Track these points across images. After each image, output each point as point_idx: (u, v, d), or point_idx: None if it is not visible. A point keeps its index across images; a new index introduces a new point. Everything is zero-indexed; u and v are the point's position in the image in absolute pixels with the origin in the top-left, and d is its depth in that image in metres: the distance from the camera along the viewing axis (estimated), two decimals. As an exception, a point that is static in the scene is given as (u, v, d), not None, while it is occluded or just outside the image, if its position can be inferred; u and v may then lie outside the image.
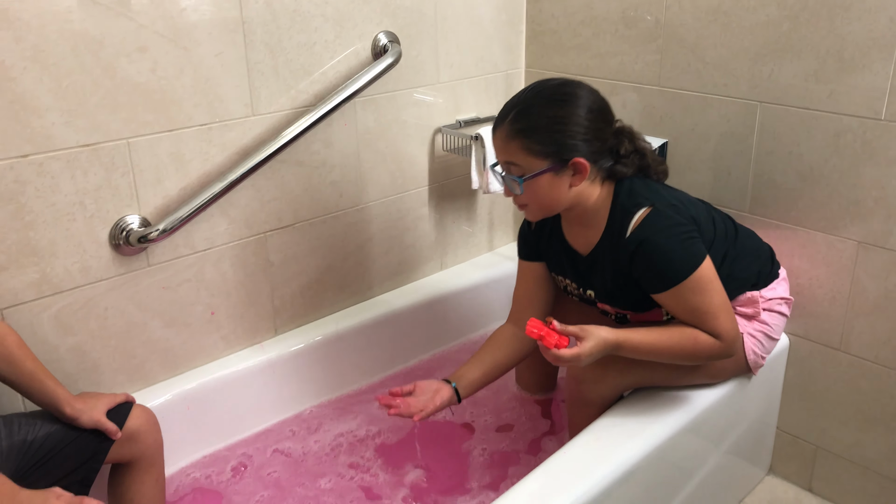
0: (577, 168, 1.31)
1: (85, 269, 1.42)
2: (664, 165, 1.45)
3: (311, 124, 1.59)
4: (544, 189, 1.33)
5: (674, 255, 1.30)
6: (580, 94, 1.32)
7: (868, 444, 1.65)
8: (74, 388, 1.46)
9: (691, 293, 1.31)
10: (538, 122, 1.30)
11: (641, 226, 1.32)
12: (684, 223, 1.33)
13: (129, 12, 1.34)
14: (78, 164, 1.36)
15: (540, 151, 1.30)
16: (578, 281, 1.48)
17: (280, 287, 1.74)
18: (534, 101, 1.33)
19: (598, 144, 1.33)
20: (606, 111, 1.36)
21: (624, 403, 1.45)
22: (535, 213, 1.40)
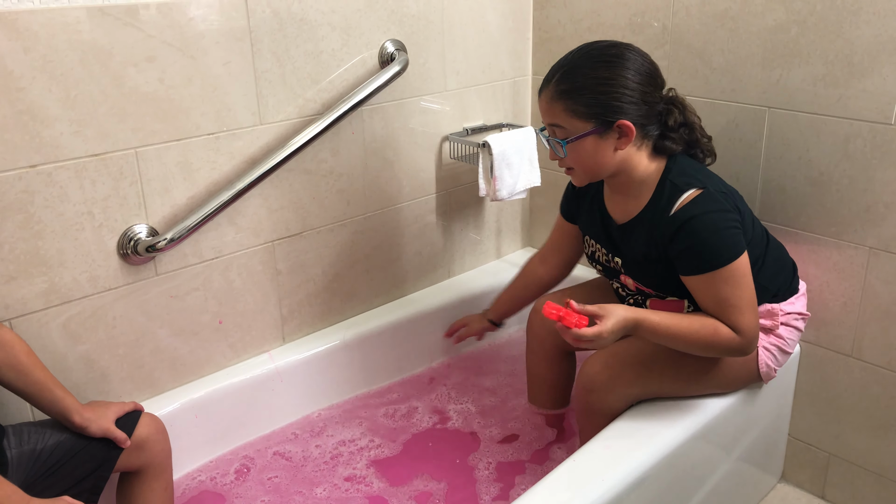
0: (622, 131, 1.30)
1: (93, 279, 1.42)
2: (712, 144, 1.44)
3: (318, 133, 1.59)
4: (588, 152, 1.33)
5: (718, 241, 1.29)
6: (627, 56, 1.31)
7: (882, 451, 1.63)
8: (83, 396, 1.46)
9: (724, 283, 1.30)
10: (583, 83, 1.29)
11: (691, 204, 1.31)
12: (732, 212, 1.32)
13: (137, 22, 1.35)
14: (86, 173, 1.36)
15: (584, 113, 1.29)
16: (609, 247, 1.48)
17: (288, 295, 1.74)
18: (580, 62, 1.32)
19: (645, 108, 1.32)
20: (655, 75, 1.35)
21: (634, 411, 1.44)
22: (581, 177, 1.39)
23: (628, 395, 1.43)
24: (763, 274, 1.43)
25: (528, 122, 2.15)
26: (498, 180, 1.86)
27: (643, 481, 1.30)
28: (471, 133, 1.97)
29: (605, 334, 1.25)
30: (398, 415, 1.80)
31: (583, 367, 1.47)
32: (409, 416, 1.80)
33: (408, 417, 1.79)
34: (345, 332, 1.83)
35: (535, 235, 2.30)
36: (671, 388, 1.45)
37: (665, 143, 1.37)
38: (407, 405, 1.83)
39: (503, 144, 1.84)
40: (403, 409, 1.82)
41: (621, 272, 1.47)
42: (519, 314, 1.84)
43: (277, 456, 1.65)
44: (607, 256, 1.49)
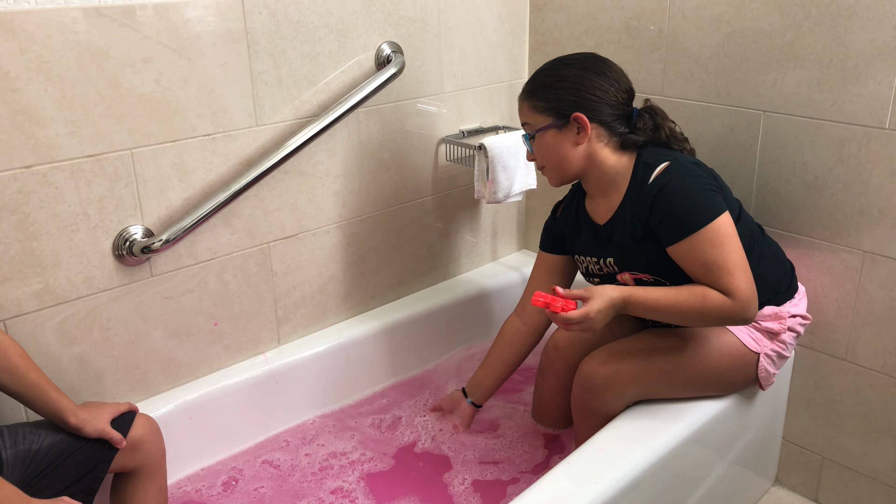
0: (579, 124, 1.38)
1: (88, 280, 1.41)
2: (688, 144, 1.47)
3: (314, 134, 1.59)
4: (550, 146, 1.42)
5: (692, 202, 1.30)
6: (595, 62, 1.41)
7: (875, 455, 1.63)
8: (77, 398, 1.46)
9: (708, 244, 1.29)
10: (544, 82, 1.42)
11: (662, 174, 1.35)
12: (705, 177, 1.35)
13: (133, 23, 1.35)
14: (82, 174, 1.36)
15: (543, 108, 1.41)
16: (599, 251, 1.48)
17: (283, 297, 1.74)
18: (546, 66, 1.45)
19: (606, 108, 1.39)
20: (618, 79, 1.41)
21: (629, 413, 1.44)
22: (552, 174, 1.47)
23: (626, 395, 1.43)
24: (761, 264, 1.42)
25: (524, 125, 2.15)
26: (494, 183, 1.86)
27: (638, 484, 1.30)
28: (467, 135, 1.97)
29: (593, 314, 1.27)
30: (392, 424, 1.79)
31: (581, 367, 1.47)
32: (404, 425, 1.78)
33: (403, 427, 1.78)
34: (340, 335, 1.82)
35: (530, 238, 2.30)
36: (669, 390, 1.45)
37: (631, 137, 1.41)
38: (402, 412, 1.83)
39: (499, 147, 1.84)
40: (398, 417, 1.82)
41: (617, 271, 1.47)
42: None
43: (266, 465, 1.64)
44: (599, 263, 1.49)
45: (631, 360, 1.42)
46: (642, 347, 1.44)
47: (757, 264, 1.39)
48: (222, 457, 1.65)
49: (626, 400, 1.45)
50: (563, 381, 1.63)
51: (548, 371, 1.67)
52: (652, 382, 1.43)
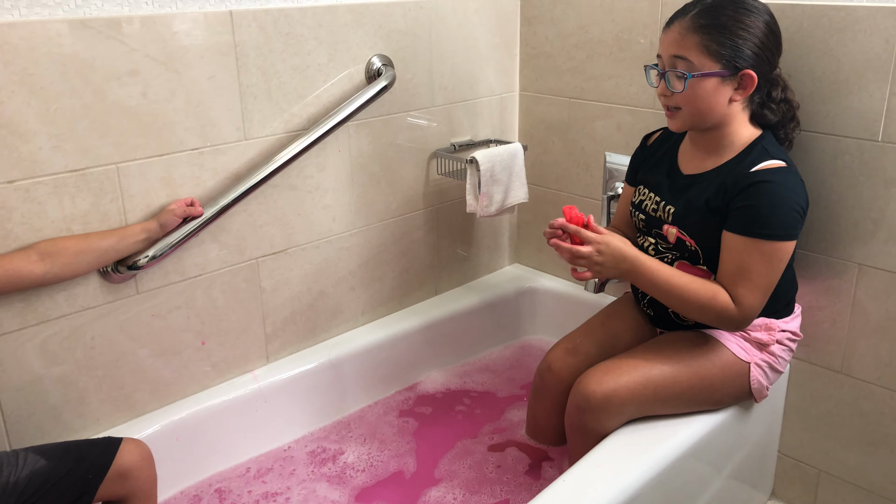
0: (744, 80, 1.32)
1: (71, 298, 1.38)
2: (797, 133, 1.47)
3: (304, 148, 1.57)
4: (707, 92, 1.33)
5: (779, 213, 1.29)
6: (764, 11, 1.34)
7: (872, 468, 1.62)
8: (59, 419, 1.42)
9: (759, 255, 1.30)
10: (725, 23, 1.30)
11: (773, 171, 1.32)
12: (801, 199, 1.33)
13: (119, 35, 1.32)
14: (66, 189, 1.33)
15: (717, 52, 1.30)
16: (665, 194, 1.47)
17: (272, 314, 1.70)
18: (723, 2, 1.32)
19: (766, 67, 1.34)
20: (780, 40, 1.37)
21: (624, 430, 1.42)
22: (684, 119, 1.39)
23: (623, 414, 1.41)
24: (781, 287, 1.42)
25: (515, 139, 2.14)
26: (486, 196, 1.84)
27: (635, 500, 1.28)
28: (458, 149, 1.96)
29: (598, 254, 1.30)
30: (381, 442, 1.76)
31: (576, 387, 1.44)
32: (391, 443, 1.76)
33: (390, 445, 1.76)
34: (330, 352, 1.79)
35: (522, 252, 2.28)
36: (665, 406, 1.43)
37: (764, 112, 1.39)
38: (390, 430, 1.80)
39: (491, 160, 1.83)
40: (390, 434, 1.79)
41: (667, 222, 1.45)
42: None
43: (257, 480, 1.61)
44: (657, 204, 1.48)
45: (627, 377, 1.40)
46: (636, 363, 1.42)
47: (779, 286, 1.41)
48: (210, 476, 1.61)
49: (624, 418, 1.43)
50: (557, 402, 1.61)
51: (542, 391, 1.64)
52: (648, 399, 1.41)
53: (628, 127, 1.85)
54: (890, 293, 1.50)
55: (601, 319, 1.63)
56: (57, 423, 1.42)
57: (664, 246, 1.48)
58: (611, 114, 1.89)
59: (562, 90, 1.98)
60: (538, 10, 1.97)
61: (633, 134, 1.84)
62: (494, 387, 1.97)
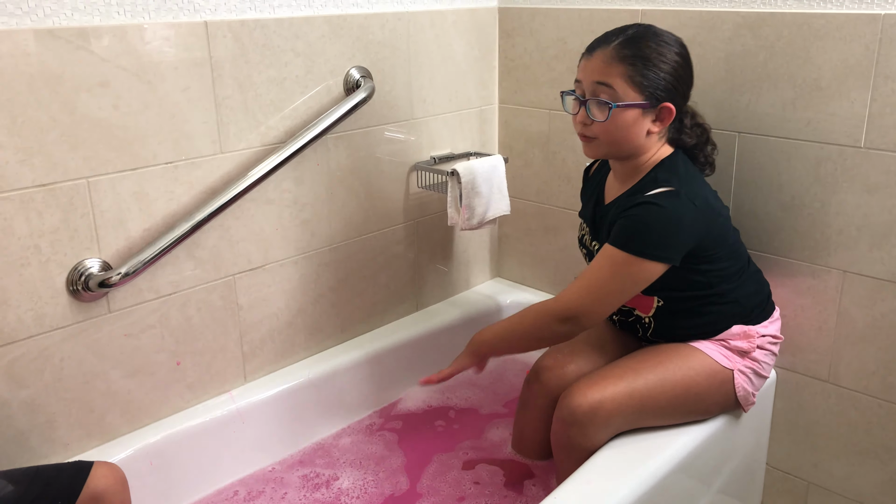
0: (662, 113, 1.33)
1: (39, 318, 1.32)
2: (713, 157, 1.49)
3: (281, 161, 1.53)
4: (626, 123, 1.33)
5: (645, 230, 1.30)
6: (680, 43, 1.35)
7: (861, 478, 1.61)
8: (27, 444, 1.35)
9: (609, 263, 1.32)
10: (648, 55, 1.30)
11: (656, 194, 1.32)
12: (684, 222, 1.31)
13: (89, 46, 1.28)
14: (33, 205, 1.27)
15: (640, 84, 1.30)
16: (591, 228, 1.50)
17: (249, 332, 1.66)
18: (645, 34, 1.33)
19: (681, 101, 1.36)
20: (693, 72, 1.39)
21: (613, 444, 1.40)
22: (601, 147, 1.38)
23: (610, 427, 1.38)
24: (741, 290, 1.44)
25: (495, 151, 2.12)
26: (467, 209, 1.82)
27: (627, 518, 1.25)
28: (438, 162, 1.93)
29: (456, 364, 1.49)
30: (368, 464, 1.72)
31: (561, 401, 1.41)
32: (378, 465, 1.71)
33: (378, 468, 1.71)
34: (309, 370, 1.75)
35: (504, 266, 2.26)
36: (653, 417, 1.41)
37: (681, 137, 1.41)
38: (377, 448, 1.75)
39: (472, 173, 1.80)
40: (373, 452, 1.74)
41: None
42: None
43: None
44: (589, 239, 1.51)
45: (612, 388, 1.38)
46: (621, 374, 1.40)
47: (736, 291, 1.44)
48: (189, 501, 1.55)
49: (611, 431, 1.40)
50: (544, 415, 1.58)
51: (529, 404, 1.61)
52: (635, 409, 1.39)
53: (609, 138, 1.84)
54: (875, 300, 1.49)
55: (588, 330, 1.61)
56: (24, 449, 1.35)
57: None
58: (591, 125, 1.88)
59: (542, 102, 1.97)
60: (517, 22, 1.96)
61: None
62: (478, 402, 1.93)
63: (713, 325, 1.44)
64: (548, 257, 2.10)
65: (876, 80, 1.39)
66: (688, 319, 1.45)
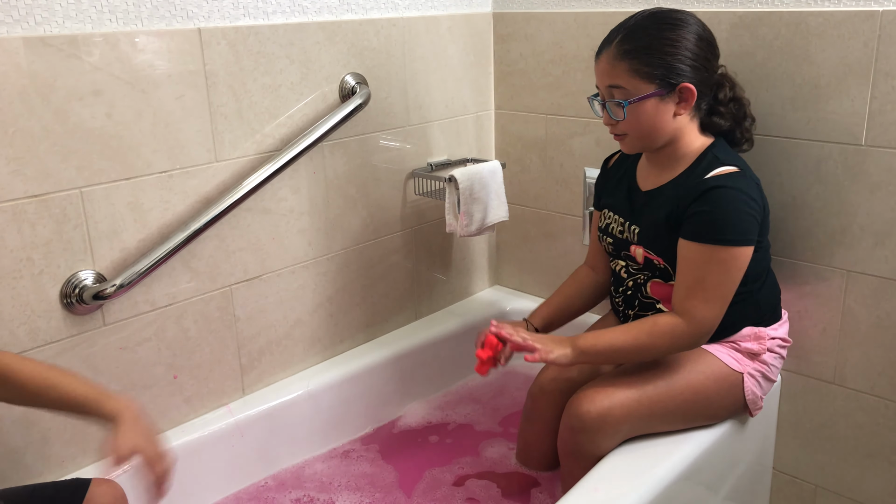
0: (683, 94, 1.30)
1: (33, 332, 1.30)
2: (752, 131, 1.44)
3: (277, 170, 1.52)
4: (649, 115, 1.31)
5: (733, 219, 1.28)
6: (690, 21, 1.32)
7: (869, 481, 1.59)
8: (21, 462, 1.32)
9: (714, 263, 1.28)
10: (648, 43, 1.29)
11: (725, 176, 1.30)
12: (757, 204, 1.31)
13: (82, 54, 1.26)
14: (25, 216, 1.25)
15: (648, 73, 1.28)
16: (627, 215, 1.46)
17: (247, 343, 1.63)
18: (643, 23, 1.31)
19: (704, 75, 1.32)
20: (714, 44, 1.36)
21: (620, 451, 1.37)
22: (634, 143, 1.38)
23: (619, 433, 1.36)
24: (762, 291, 1.43)
25: (492, 157, 2.11)
26: (466, 215, 1.80)
27: (636, 525, 1.23)
28: (435, 168, 1.92)
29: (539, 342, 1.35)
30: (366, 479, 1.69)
31: (568, 408, 1.39)
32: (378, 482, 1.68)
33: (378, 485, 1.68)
34: (309, 382, 1.72)
35: (503, 273, 2.24)
36: (661, 423, 1.39)
37: (713, 119, 1.38)
38: (377, 458, 1.72)
39: (470, 178, 1.79)
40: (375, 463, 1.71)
41: (633, 242, 1.43)
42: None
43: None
44: (623, 226, 1.46)
45: (621, 394, 1.36)
46: (629, 380, 1.38)
47: (759, 292, 1.42)
48: (185, 520, 1.52)
49: (619, 438, 1.38)
50: (549, 426, 1.55)
51: (533, 415, 1.59)
52: (644, 416, 1.37)
53: (607, 142, 1.82)
54: (880, 299, 1.48)
55: None
56: (18, 467, 1.32)
57: (634, 267, 1.46)
58: (588, 129, 1.87)
59: (538, 107, 1.96)
60: (511, 27, 1.95)
61: (611, 149, 1.81)
62: (478, 418, 1.90)
63: (728, 326, 1.41)
64: (547, 264, 2.09)
65: (876, 78, 1.39)
66: None
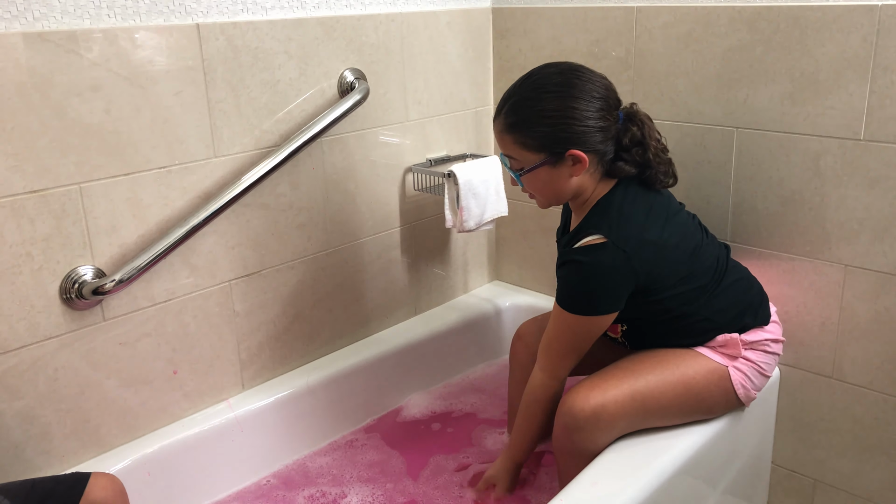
0: (575, 159, 1.29)
1: (32, 327, 1.30)
2: (669, 169, 1.39)
3: (276, 165, 1.52)
4: (543, 181, 1.34)
5: (578, 290, 1.32)
6: (575, 83, 1.29)
7: (868, 475, 1.59)
8: (22, 456, 1.33)
9: (560, 322, 1.36)
10: (529, 116, 1.29)
11: (585, 249, 1.30)
12: (618, 275, 1.29)
13: (80, 49, 1.26)
14: (24, 211, 1.25)
15: (534, 146, 1.30)
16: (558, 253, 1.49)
17: (246, 338, 1.63)
18: (526, 94, 1.31)
19: (598, 135, 1.30)
20: (608, 98, 1.32)
21: (617, 445, 1.37)
22: (542, 202, 1.41)
23: (614, 430, 1.36)
24: (709, 307, 1.39)
25: (491, 153, 2.11)
26: (465, 210, 1.80)
27: (634, 519, 1.23)
28: (434, 164, 1.92)
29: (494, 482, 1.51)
30: (374, 469, 1.69)
31: (562, 406, 1.38)
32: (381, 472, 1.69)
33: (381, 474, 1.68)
34: (308, 377, 1.72)
35: (502, 269, 2.24)
36: (656, 419, 1.39)
37: (617, 165, 1.35)
38: (377, 454, 1.73)
39: (469, 174, 1.79)
40: (374, 459, 1.72)
41: None
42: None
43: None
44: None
45: (614, 391, 1.35)
46: (621, 375, 1.38)
47: (703, 309, 1.39)
48: (185, 515, 1.52)
49: (615, 434, 1.38)
50: None
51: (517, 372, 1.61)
52: (638, 411, 1.36)
53: (606, 137, 1.83)
54: (878, 294, 1.48)
55: None
56: (19, 461, 1.33)
57: None
58: (588, 124, 1.87)
59: (537, 102, 1.95)
60: (510, 23, 1.95)
61: (611, 144, 1.81)
62: (482, 407, 1.91)
63: (691, 339, 1.42)
64: (547, 259, 2.09)
65: (874, 72, 1.38)
66: (660, 337, 1.44)
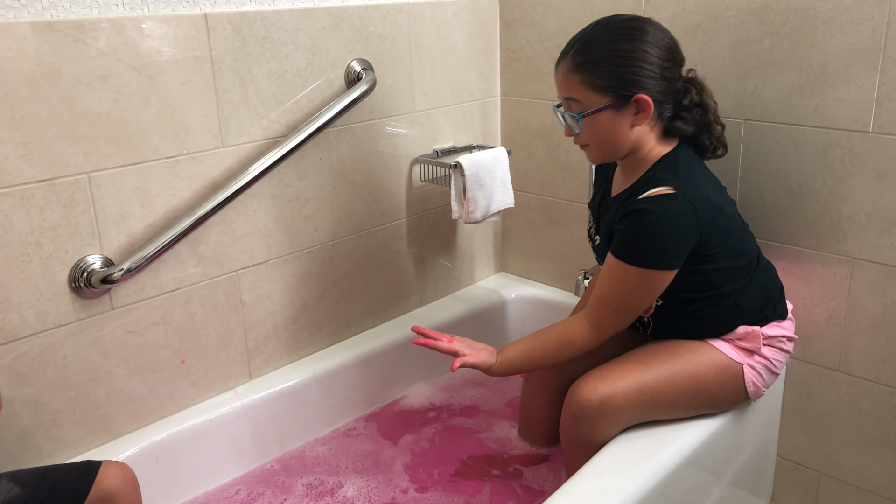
0: (640, 106, 1.28)
1: (41, 315, 1.31)
2: (722, 136, 1.40)
3: (283, 155, 1.52)
4: (605, 127, 1.31)
5: (649, 242, 1.28)
6: (647, 29, 1.29)
7: (873, 468, 1.59)
8: (31, 443, 1.34)
9: (623, 279, 1.31)
10: (601, 55, 1.27)
11: (654, 199, 1.28)
12: (686, 227, 1.28)
13: (88, 39, 1.27)
14: (34, 200, 1.26)
15: (601, 86, 1.27)
16: (598, 222, 1.48)
17: (253, 328, 1.64)
18: (598, 34, 1.30)
19: (663, 84, 1.30)
20: (675, 51, 1.33)
21: (624, 437, 1.38)
22: (596, 154, 1.37)
23: (621, 421, 1.36)
24: (743, 293, 1.39)
25: (498, 144, 2.10)
26: (471, 202, 1.80)
27: (640, 510, 1.24)
28: (441, 155, 1.92)
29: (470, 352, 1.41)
30: (373, 453, 1.70)
31: (569, 395, 1.39)
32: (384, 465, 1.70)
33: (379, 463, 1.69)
34: (315, 366, 1.73)
35: (508, 260, 2.24)
36: (663, 411, 1.39)
37: (676, 124, 1.35)
38: (380, 445, 1.74)
39: (476, 165, 1.79)
40: (377, 449, 1.73)
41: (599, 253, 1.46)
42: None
43: None
44: (593, 230, 1.49)
45: (622, 382, 1.36)
46: (631, 367, 1.38)
47: (738, 293, 1.39)
48: (194, 499, 1.53)
49: (621, 426, 1.38)
50: (550, 398, 1.56)
51: (533, 376, 1.60)
52: (645, 404, 1.37)
53: (613, 128, 1.82)
54: (886, 287, 1.48)
55: None
56: (28, 448, 1.34)
57: None
58: (595, 116, 1.86)
59: (544, 93, 1.95)
60: (518, 13, 1.95)
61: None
62: (483, 400, 1.91)
63: (714, 328, 1.42)
64: (553, 251, 2.09)
65: (884, 64, 1.38)
66: (686, 320, 1.42)
